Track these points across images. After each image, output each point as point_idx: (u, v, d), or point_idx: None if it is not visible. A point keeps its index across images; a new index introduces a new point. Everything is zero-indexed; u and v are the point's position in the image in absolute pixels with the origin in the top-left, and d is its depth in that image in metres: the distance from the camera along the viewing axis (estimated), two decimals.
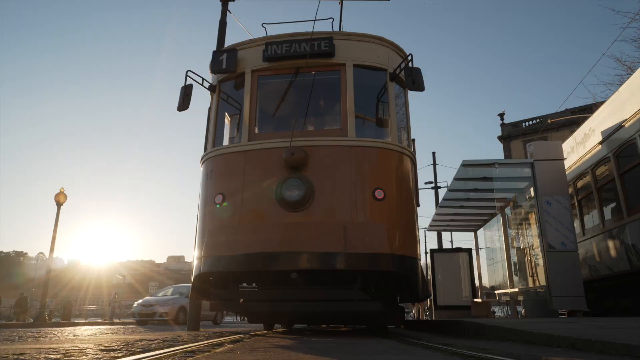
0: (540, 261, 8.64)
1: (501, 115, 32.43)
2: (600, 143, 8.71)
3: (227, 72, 6.10)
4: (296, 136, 5.38)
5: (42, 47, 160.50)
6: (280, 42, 5.87)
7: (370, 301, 5.10)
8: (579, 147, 9.72)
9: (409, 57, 5.73)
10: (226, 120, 6.49)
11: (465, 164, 9.11)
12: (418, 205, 6.60)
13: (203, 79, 6.28)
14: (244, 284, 6.06)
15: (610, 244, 8.44)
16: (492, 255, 13.20)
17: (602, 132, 8.61)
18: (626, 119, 7.74)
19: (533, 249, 9.81)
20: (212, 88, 6.41)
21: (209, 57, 6.12)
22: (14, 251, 75.83)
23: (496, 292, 12.29)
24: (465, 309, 12.49)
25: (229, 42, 9.87)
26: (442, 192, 21.81)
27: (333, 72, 5.87)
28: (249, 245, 5.04)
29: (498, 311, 30.15)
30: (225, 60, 5.98)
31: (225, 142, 6.35)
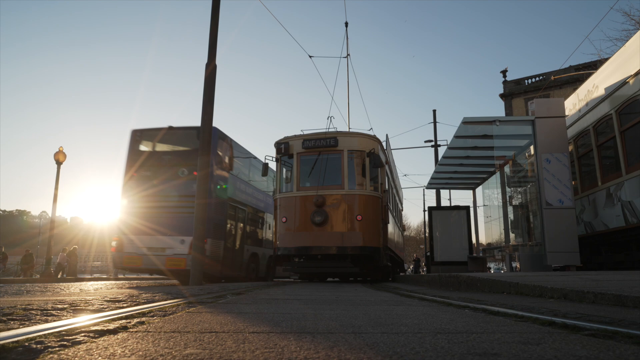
0: (537, 218, 8.75)
1: (504, 72, 31.82)
2: (602, 100, 8.61)
3: (284, 154, 10.99)
4: (319, 189, 10.26)
5: (43, 7, 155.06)
6: (310, 139, 10.73)
7: (353, 267, 9.94)
8: (581, 104, 9.62)
9: (375, 148, 10.68)
10: (284, 176, 11.17)
11: (466, 121, 9.05)
12: (384, 218, 11.09)
13: (272, 157, 11.51)
14: (296, 259, 10.60)
15: (607, 200, 8.52)
16: (489, 213, 13.36)
17: (606, 89, 8.49)
18: (631, 75, 7.61)
19: (530, 206, 9.91)
20: (277, 160, 11.36)
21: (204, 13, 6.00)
22: (17, 210, 76.56)
23: (492, 248, 12.52)
24: (462, 265, 12.78)
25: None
26: (442, 150, 21.79)
27: (337, 154, 10.54)
28: (298, 242, 10.10)
29: (493, 267, 30.87)
30: (283, 147, 10.93)
31: (284, 189, 11.04)
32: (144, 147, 11.69)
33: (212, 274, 10.69)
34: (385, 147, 12.03)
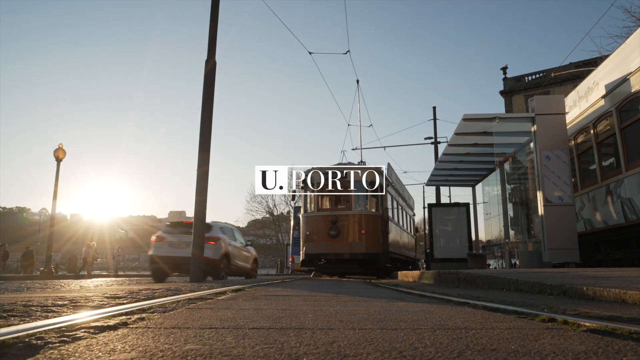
0: (537, 215, 8.76)
1: (504, 69, 31.75)
2: (603, 97, 8.59)
3: (304, 185, 13.68)
4: (334, 210, 13.11)
5: (42, 6, 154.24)
6: (327, 172, 13.18)
7: (359, 268, 12.93)
8: (582, 101, 9.61)
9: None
10: (308, 200, 13.81)
11: (466, 118, 9.04)
12: (384, 230, 13.67)
13: (295, 190, 15.75)
14: (317, 262, 13.33)
15: (607, 198, 8.52)
16: (489, 210, 13.35)
17: (606, 86, 8.47)
18: (631, 72, 7.60)
19: (530, 203, 9.92)
20: (302, 188, 14.05)
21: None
22: (16, 207, 76.55)
23: (492, 245, 12.52)
24: (462, 262, 12.79)
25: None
26: (441, 148, 21.76)
27: (347, 183, 12.97)
28: (319, 250, 12.82)
29: (493, 264, 30.82)
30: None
31: (308, 210, 13.70)
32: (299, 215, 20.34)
33: None
34: (387, 173, 14.76)
